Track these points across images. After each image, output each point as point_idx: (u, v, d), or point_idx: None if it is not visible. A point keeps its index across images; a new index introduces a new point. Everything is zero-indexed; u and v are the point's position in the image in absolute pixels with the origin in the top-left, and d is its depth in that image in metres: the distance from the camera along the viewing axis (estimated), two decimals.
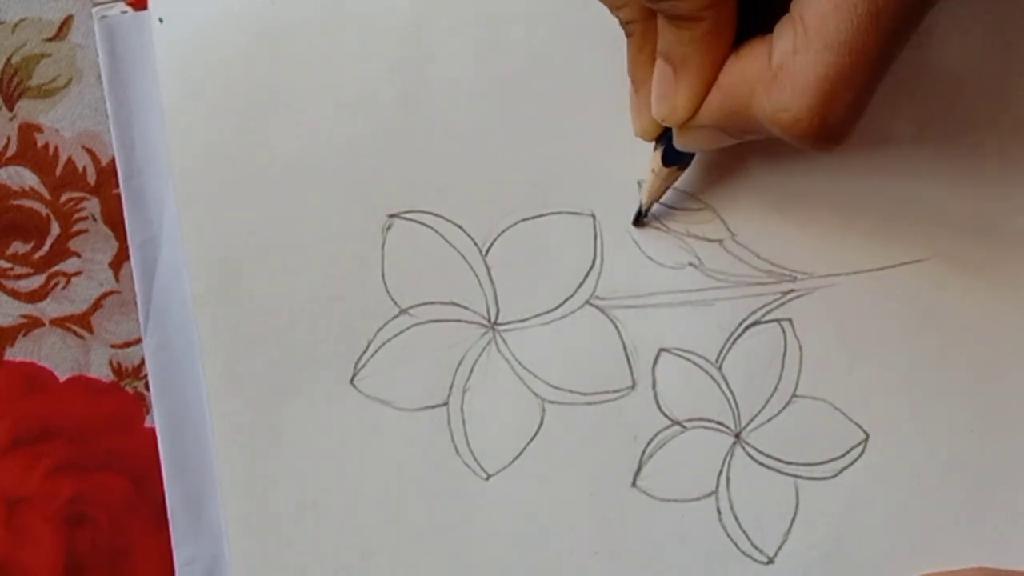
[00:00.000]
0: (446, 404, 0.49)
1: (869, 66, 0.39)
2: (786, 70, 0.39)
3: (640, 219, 0.49)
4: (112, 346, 0.51)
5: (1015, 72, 0.49)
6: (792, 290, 0.48)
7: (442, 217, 0.49)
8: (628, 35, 0.45)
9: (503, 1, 0.49)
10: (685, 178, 0.49)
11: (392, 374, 0.49)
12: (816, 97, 0.39)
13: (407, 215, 0.49)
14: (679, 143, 0.45)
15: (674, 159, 0.47)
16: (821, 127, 0.39)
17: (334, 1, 0.50)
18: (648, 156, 0.47)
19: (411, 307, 0.49)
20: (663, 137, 0.46)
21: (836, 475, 0.48)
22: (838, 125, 0.40)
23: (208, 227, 0.49)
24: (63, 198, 0.51)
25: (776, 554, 0.48)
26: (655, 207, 0.49)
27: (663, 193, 0.48)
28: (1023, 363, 0.48)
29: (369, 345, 0.49)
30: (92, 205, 0.51)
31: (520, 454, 0.49)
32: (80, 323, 0.51)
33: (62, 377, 0.51)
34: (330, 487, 0.49)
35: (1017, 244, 0.48)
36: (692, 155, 0.47)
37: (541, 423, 0.49)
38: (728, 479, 0.48)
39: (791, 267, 0.48)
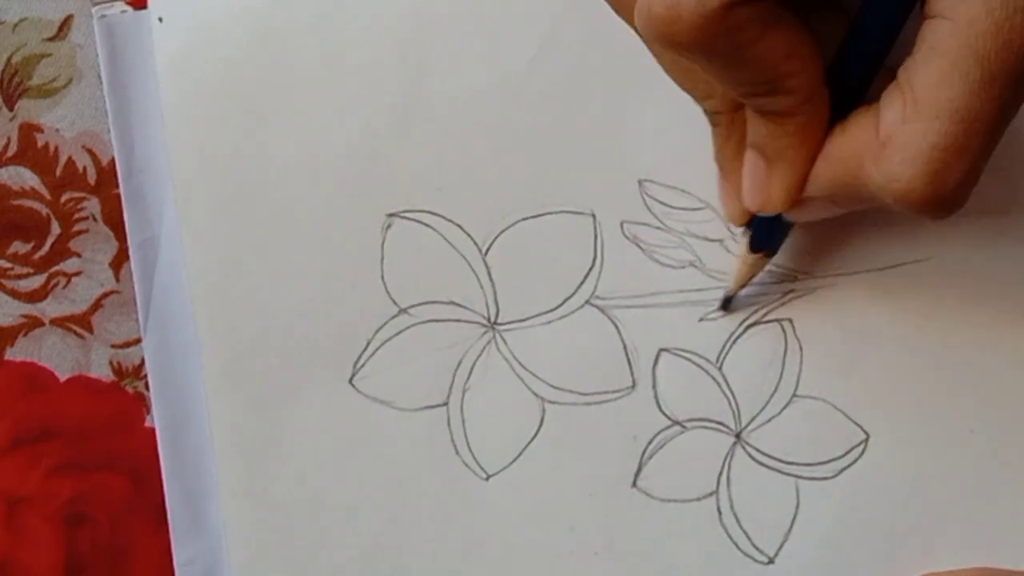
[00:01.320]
0: (446, 404, 0.49)
1: (983, 133, 0.37)
2: (895, 140, 0.38)
3: (727, 305, 0.48)
4: (112, 346, 0.51)
5: None
6: (792, 290, 0.48)
7: (442, 216, 0.49)
8: (714, 125, 0.44)
9: (503, 1, 0.49)
10: (686, 178, 0.49)
11: (391, 374, 0.49)
12: (928, 165, 0.38)
13: (406, 214, 0.49)
14: (790, 217, 0.44)
15: (761, 245, 0.46)
16: (935, 196, 0.38)
17: (334, 1, 0.50)
18: (648, 147, 0.47)
19: (410, 307, 0.49)
20: (751, 223, 0.46)
21: (836, 475, 0.48)
22: (952, 194, 0.38)
23: (207, 226, 0.49)
24: (63, 198, 0.52)
25: (777, 554, 0.48)
26: (661, 208, 0.49)
27: (750, 279, 0.47)
28: (1023, 363, 0.48)
29: (368, 345, 0.49)
30: (92, 205, 0.52)
31: (520, 454, 0.49)
32: (80, 323, 0.51)
33: (62, 377, 0.51)
34: (329, 487, 0.49)
35: (1018, 244, 0.48)
36: (779, 241, 0.47)
37: (541, 423, 0.49)
38: (728, 479, 0.48)
39: (792, 267, 0.48)
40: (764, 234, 0.46)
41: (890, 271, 0.48)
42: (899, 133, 0.38)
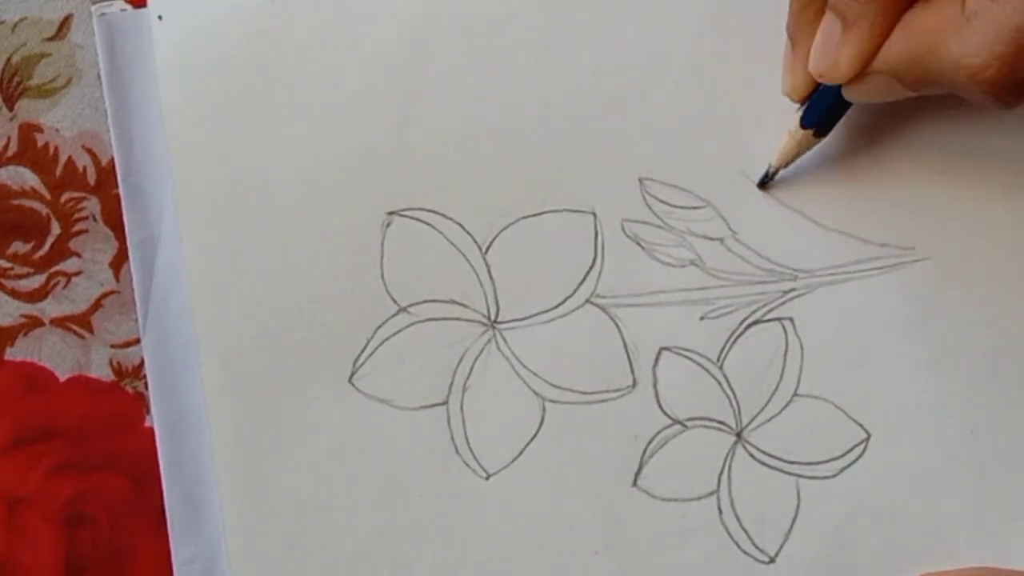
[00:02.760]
0: (446, 403, 0.49)
1: None
2: (981, 16, 0.38)
3: (766, 182, 0.48)
4: (112, 346, 0.51)
5: None
6: (793, 289, 0.48)
7: (442, 215, 0.49)
8: None
9: (503, 1, 0.50)
10: (687, 177, 0.49)
11: (391, 373, 0.49)
12: (1010, 47, 0.38)
13: (406, 213, 0.49)
14: (848, 93, 0.45)
15: (812, 121, 0.46)
16: (1009, 78, 0.38)
17: None
18: (649, 146, 0.47)
19: (410, 305, 0.49)
20: (807, 98, 0.46)
21: (837, 474, 0.48)
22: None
23: (207, 225, 0.49)
24: (63, 198, 0.51)
25: (777, 553, 0.48)
26: (661, 207, 0.49)
27: (795, 158, 0.47)
28: (1023, 363, 0.48)
29: (368, 343, 0.49)
30: (92, 205, 0.52)
31: (520, 453, 0.49)
32: (80, 323, 0.51)
33: (62, 377, 0.51)
34: (329, 486, 0.49)
35: (1018, 244, 0.48)
36: (831, 123, 0.47)
37: (541, 422, 0.49)
38: (729, 478, 0.48)
39: (792, 266, 0.48)
40: (818, 109, 0.46)
41: (890, 271, 0.48)
42: (986, 10, 0.38)
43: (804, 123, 0.46)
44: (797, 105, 0.47)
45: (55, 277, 0.52)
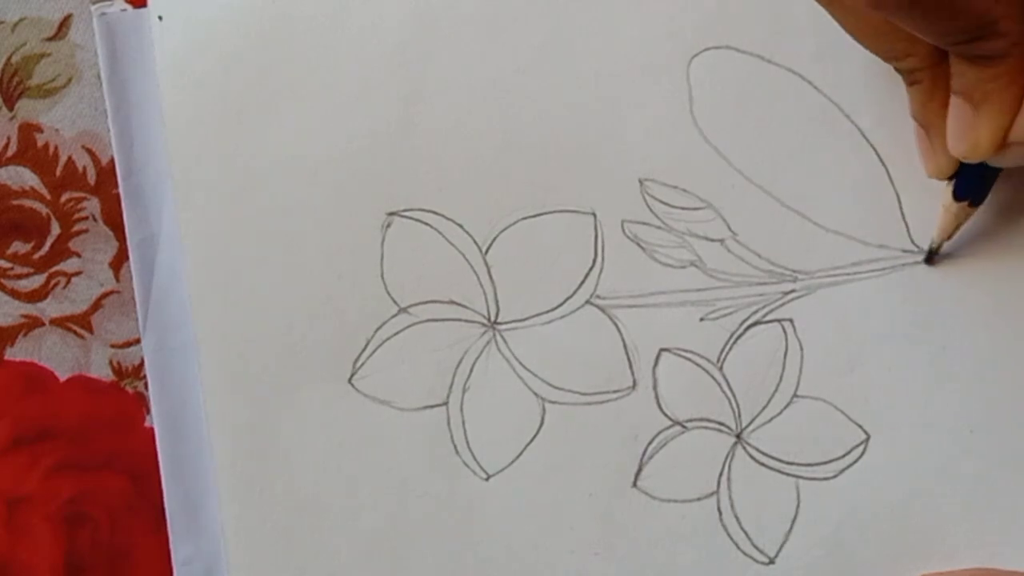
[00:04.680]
0: (446, 404, 0.49)
1: None
2: None
3: (931, 258, 0.48)
4: (112, 346, 0.51)
5: None
6: (793, 290, 0.48)
7: (442, 215, 0.49)
8: (913, 83, 0.44)
9: (503, 1, 0.49)
10: (687, 178, 0.49)
11: (391, 373, 0.49)
12: None
13: (407, 213, 0.49)
14: (993, 161, 0.45)
15: (966, 193, 0.46)
16: None
17: (334, 0, 0.50)
18: (649, 147, 0.47)
19: (410, 306, 0.49)
20: (952, 175, 0.46)
21: (837, 475, 0.48)
22: None
23: (207, 225, 0.49)
24: (63, 198, 0.52)
25: (777, 554, 0.48)
26: (662, 208, 0.49)
27: (955, 230, 0.47)
28: (1023, 363, 0.48)
29: (368, 344, 0.49)
30: (92, 205, 0.52)
31: (520, 454, 0.49)
32: (80, 323, 0.51)
33: (62, 377, 0.51)
34: (329, 487, 0.49)
35: (1017, 244, 0.48)
36: (986, 189, 0.46)
37: (541, 423, 0.49)
38: (729, 479, 0.48)
39: (792, 267, 0.48)
40: (969, 181, 0.46)
41: (890, 271, 0.48)
42: None
43: (957, 196, 0.46)
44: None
45: (55, 277, 0.52)
